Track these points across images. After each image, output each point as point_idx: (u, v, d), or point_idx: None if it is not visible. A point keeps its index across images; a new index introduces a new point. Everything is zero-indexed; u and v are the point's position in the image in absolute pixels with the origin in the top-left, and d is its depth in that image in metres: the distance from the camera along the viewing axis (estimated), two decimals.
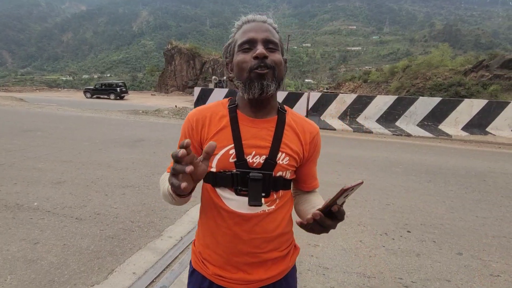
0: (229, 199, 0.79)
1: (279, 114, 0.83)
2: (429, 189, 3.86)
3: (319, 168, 0.95)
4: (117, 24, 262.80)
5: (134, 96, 28.19)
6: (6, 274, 1.96)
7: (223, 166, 0.78)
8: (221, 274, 0.82)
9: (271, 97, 0.80)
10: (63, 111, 11.74)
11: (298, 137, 0.83)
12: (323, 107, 8.97)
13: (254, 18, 0.80)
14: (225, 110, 0.83)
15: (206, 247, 0.85)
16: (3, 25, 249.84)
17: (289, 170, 0.81)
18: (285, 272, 0.87)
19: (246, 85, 0.76)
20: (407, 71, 23.98)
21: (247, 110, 0.82)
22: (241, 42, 0.76)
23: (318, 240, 2.52)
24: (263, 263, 0.82)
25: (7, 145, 5.41)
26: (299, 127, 0.84)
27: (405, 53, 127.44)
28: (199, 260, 0.87)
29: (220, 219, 0.81)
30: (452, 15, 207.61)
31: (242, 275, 0.81)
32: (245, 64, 0.75)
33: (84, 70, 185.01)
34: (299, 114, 0.89)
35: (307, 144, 0.84)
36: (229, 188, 0.79)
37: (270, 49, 0.76)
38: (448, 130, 7.86)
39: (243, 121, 0.80)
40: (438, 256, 2.35)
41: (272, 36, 0.77)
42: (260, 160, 0.78)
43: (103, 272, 2.02)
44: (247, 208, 0.78)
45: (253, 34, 0.76)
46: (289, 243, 0.88)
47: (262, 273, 0.82)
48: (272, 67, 0.75)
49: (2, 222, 2.63)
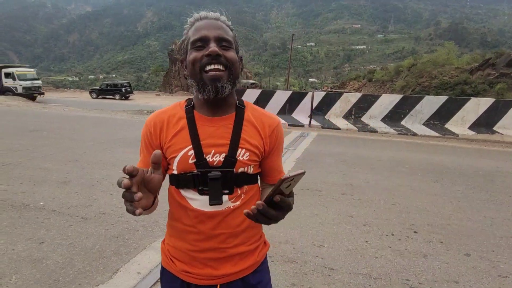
0: (193, 199, 0.80)
1: (237, 110, 0.83)
2: (436, 189, 3.81)
3: (323, 168, 0.93)
4: (122, 25, 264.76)
5: (139, 96, 28.34)
6: (11, 273, 1.97)
7: (184, 168, 0.79)
8: (188, 270, 0.83)
9: (227, 96, 0.79)
10: (69, 111, 11.84)
11: (258, 131, 0.83)
12: (328, 106, 8.92)
13: (206, 15, 0.78)
14: (182, 111, 0.82)
15: (173, 246, 0.86)
16: (9, 27, 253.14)
17: (250, 165, 0.81)
18: (254, 266, 0.88)
19: (199, 85, 0.75)
20: (412, 70, 23.77)
21: (204, 109, 0.81)
22: (193, 40, 0.75)
23: (323, 241, 2.50)
24: (229, 258, 0.83)
25: (14, 145, 5.47)
26: (258, 121, 0.84)
27: (411, 51, 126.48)
28: (167, 258, 0.88)
29: (186, 218, 0.82)
30: (458, 13, 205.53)
31: (209, 271, 0.82)
32: (196, 63, 0.74)
33: (90, 71, 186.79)
34: (259, 108, 0.90)
35: (267, 137, 0.84)
36: (192, 188, 0.79)
37: (223, 47, 0.75)
38: (454, 129, 7.76)
39: (200, 121, 0.80)
40: (445, 257, 2.31)
41: (225, 34, 0.76)
42: (220, 158, 0.78)
43: (108, 272, 2.02)
44: (211, 207, 0.79)
45: (205, 32, 0.75)
46: (257, 237, 0.89)
47: (229, 267, 0.83)
48: (227, 66, 0.75)
49: (9, 222, 2.65)
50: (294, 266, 2.15)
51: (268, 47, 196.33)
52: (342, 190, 3.69)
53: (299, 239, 2.52)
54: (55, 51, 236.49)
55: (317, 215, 2.99)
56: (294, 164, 4.74)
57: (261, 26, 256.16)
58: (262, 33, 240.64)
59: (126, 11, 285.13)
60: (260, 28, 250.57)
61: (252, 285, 0.87)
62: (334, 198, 3.44)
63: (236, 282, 0.85)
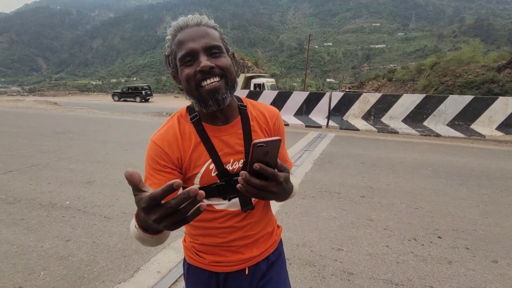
0: (219, 205, 0.83)
1: (241, 112, 0.84)
2: (461, 193, 3.66)
3: (342, 170, 0.93)
4: (143, 29, 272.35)
5: (158, 99, 29.05)
6: (40, 270, 2.07)
7: (207, 181, 0.80)
8: (217, 259, 0.87)
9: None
10: (93, 114, 12.31)
11: (263, 127, 0.86)
12: (346, 107, 8.76)
13: (187, 23, 0.73)
14: (189, 124, 0.80)
15: (200, 242, 0.88)
16: (38, 34, 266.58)
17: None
18: (274, 246, 0.95)
19: (200, 101, 0.74)
20: (435, 68, 22.92)
21: (211, 119, 0.81)
22: (181, 56, 0.71)
23: (342, 244, 2.46)
24: (255, 242, 0.89)
25: (42, 146, 5.75)
26: (261, 117, 0.87)
27: (433, 49, 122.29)
28: (193, 253, 0.90)
29: (211, 218, 0.84)
30: (484, 9, 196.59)
31: (236, 256, 0.87)
32: (191, 80, 0.72)
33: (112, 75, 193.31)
34: (257, 103, 0.90)
35: (271, 129, 0.87)
36: (217, 197, 0.81)
37: (214, 54, 0.72)
38: (481, 130, 7.42)
39: (211, 132, 0.80)
40: (471, 264, 2.21)
41: (212, 40, 0.72)
42: (239, 164, 0.80)
43: (130, 270, 2.08)
44: (238, 207, 0.83)
45: (191, 45, 0.70)
46: (273, 221, 0.97)
47: (255, 250, 0.89)
48: (222, 75, 0.72)
49: (37, 220, 2.79)
50: (312, 270, 2.12)
51: (284, 48, 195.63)
52: (361, 192, 3.62)
53: (317, 242, 2.49)
54: (80, 56, 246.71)
55: (335, 218, 2.95)
56: (311, 165, 4.69)
57: (278, 27, 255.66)
58: (278, 34, 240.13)
59: (146, 16, 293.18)
60: (277, 29, 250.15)
61: (272, 262, 0.94)
62: (353, 200, 3.38)
63: (262, 262, 0.91)
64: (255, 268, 0.90)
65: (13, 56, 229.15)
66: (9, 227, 2.65)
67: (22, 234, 2.54)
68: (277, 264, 0.95)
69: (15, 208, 3.04)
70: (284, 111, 9.33)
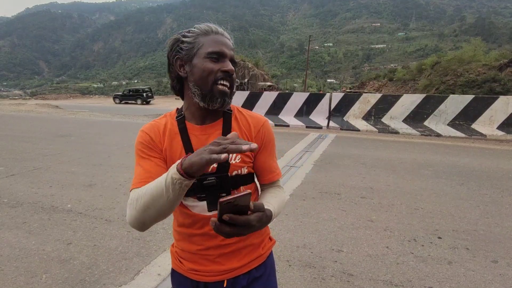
0: (193, 206, 0.83)
1: (225, 116, 0.87)
2: (462, 193, 3.66)
3: (342, 171, 0.94)
4: (143, 32, 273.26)
5: (159, 101, 29.11)
6: (42, 273, 2.08)
7: None
8: (195, 268, 0.87)
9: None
10: (94, 116, 12.36)
11: (244, 133, 0.87)
12: (346, 107, 8.77)
13: (222, 32, 0.82)
14: (174, 121, 0.86)
15: (181, 248, 0.90)
16: (39, 37, 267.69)
17: (243, 167, 0.85)
18: (259, 260, 0.91)
19: (207, 96, 0.79)
20: (436, 68, 22.88)
21: (195, 119, 0.85)
22: (212, 51, 0.78)
23: (342, 246, 2.46)
24: (236, 253, 0.86)
25: (44, 150, 5.78)
26: (244, 123, 0.88)
27: (434, 49, 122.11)
28: (176, 259, 0.92)
29: (189, 223, 0.86)
30: (485, 8, 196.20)
31: (215, 267, 0.86)
32: (211, 75, 0.78)
33: (114, 77, 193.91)
34: (245, 110, 0.93)
35: (253, 138, 0.87)
36: (191, 196, 0.82)
37: (232, 65, 0.82)
38: (482, 129, 7.41)
39: (192, 130, 0.84)
40: (471, 264, 2.21)
41: (235, 56, 0.84)
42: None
43: (130, 273, 2.09)
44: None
45: (224, 49, 0.80)
46: (262, 231, 0.92)
47: (235, 262, 0.86)
48: (232, 87, 0.82)
49: (39, 224, 2.81)
50: (312, 271, 2.13)
51: (285, 49, 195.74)
52: (361, 193, 3.62)
53: (317, 244, 2.49)
54: (81, 59, 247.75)
55: (335, 219, 2.95)
56: (312, 166, 4.70)
57: (278, 28, 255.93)
58: (279, 35, 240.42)
59: (147, 18, 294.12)
60: (277, 30, 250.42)
61: (255, 277, 0.90)
62: (353, 201, 3.38)
63: (242, 276, 0.88)
64: (234, 281, 0.87)
65: (15, 59, 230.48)
66: (11, 231, 2.67)
67: (24, 237, 2.56)
68: (261, 280, 0.91)
69: (17, 211, 3.06)
70: (284, 112, 9.34)
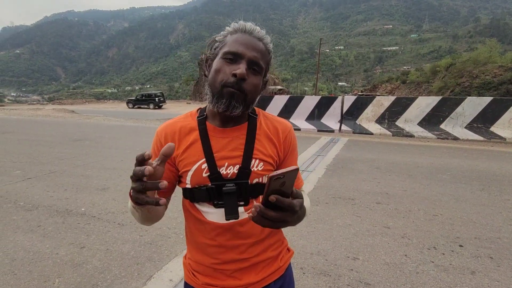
0: (209, 213, 0.79)
1: (250, 120, 0.82)
2: (483, 199, 3.50)
3: (356, 175, 0.89)
4: (156, 38, 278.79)
5: (171, 105, 29.50)
6: (55, 277, 2.09)
7: (198, 182, 0.77)
8: (210, 282, 0.82)
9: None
10: (108, 121, 12.60)
11: (271, 139, 0.81)
12: (359, 110, 8.64)
13: (251, 30, 0.75)
14: (194, 122, 0.81)
15: (195, 260, 0.85)
16: (57, 44, 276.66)
17: (265, 175, 0.79)
18: (278, 273, 0.86)
19: (215, 96, 0.73)
20: (450, 70, 22.37)
21: (216, 120, 0.80)
22: (227, 50, 0.72)
23: (358, 253, 2.38)
24: (253, 267, 0.82)
25: (59, 153, 5.90)
26: (271, 129, 0.83)
27: (448, 50, 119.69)
28: (189, 272, 0.87)
29: (204, 232, 0.81)
30: (499, 9, 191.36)
31: (231, 282, 0.81)
32: (221, 76, 0.72)
33: (127, 82, 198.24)
34: (270, 115, 0.88)
35: (281, 143, 0.83)
36: (207, 202, 0.78)
37: (252, 70, 0.73)
38: (501, 132, 7.14)
39: (213, 132, 0.79)
40: (496, 274, 2.10)
41: (260, 59, 0.73)
42: (234, 170, 0.76)
43: (142, 278, 2.07)
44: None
45: (242, 49, 0.72)
46: (278, 244, 0.88)
47: (253, 276, 0.81)
48: (244, 92, 0.72)
49: (53, 227, 2.84)
50: (327, 280, 2.06)
51: (295, 52, 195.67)
52: (376, 199, 3.52)
53: (331, 251, 2.42)
54: (96, 65, 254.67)
55: (350, 225, 2.87)
56: (324, 171, 4.61)
57: (288, 32, 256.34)
58: (289, 39, 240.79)
59: (160, 24, 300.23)
60: (287, 34, 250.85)
61: None
62: (368, 207, 3.29)
63: None
64: None
65: (33, 66, 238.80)
66: (26, 234, 2.70)
67: (39, 241, 2.58)
68: None
69: (33, 215, 3.11)
70: (295, 115, 9.28)
